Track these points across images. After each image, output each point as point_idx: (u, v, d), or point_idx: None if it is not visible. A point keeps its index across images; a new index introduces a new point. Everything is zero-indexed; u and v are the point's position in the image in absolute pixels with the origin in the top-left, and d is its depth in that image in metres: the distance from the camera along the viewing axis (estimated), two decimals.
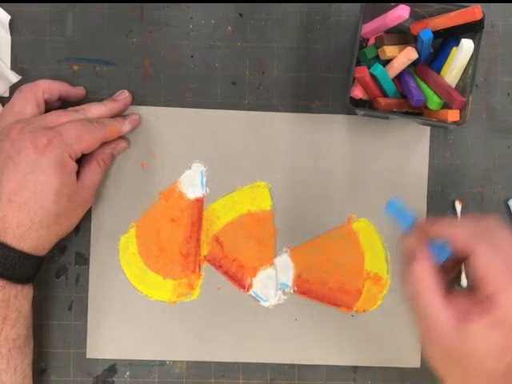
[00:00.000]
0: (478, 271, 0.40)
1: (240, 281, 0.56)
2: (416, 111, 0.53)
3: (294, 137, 0.56)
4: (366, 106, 0.54)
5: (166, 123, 0.56)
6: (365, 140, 0.56)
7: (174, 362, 0.56)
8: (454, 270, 0.46)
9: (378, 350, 0.56)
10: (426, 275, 0.41)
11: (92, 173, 0.51)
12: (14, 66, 0.55)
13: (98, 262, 0.55)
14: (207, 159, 0.56)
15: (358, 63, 0.52)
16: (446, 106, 0.51)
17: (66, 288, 0.55)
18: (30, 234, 0.47)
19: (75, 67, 0.55)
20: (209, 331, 0.55)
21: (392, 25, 0.51)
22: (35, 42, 0.55)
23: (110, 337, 0.55)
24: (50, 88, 0.52)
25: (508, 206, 0.56)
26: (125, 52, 0.56)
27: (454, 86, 0.51)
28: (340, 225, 0.56)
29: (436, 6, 0.50)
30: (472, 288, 0.41)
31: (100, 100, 0.54)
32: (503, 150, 0.56)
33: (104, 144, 0.52)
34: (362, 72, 0.51)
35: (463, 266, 0.49)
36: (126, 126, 0.53)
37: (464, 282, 0.55)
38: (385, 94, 0.52)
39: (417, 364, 0.56)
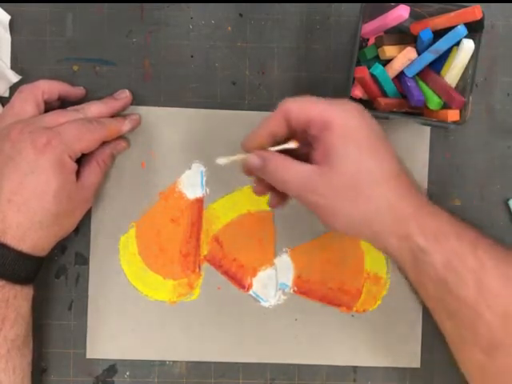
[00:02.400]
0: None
1: (240, 281, 0.56)
2: (416, 111, 0.53)
3: None
4: (366, 106, 0.54)
5: (166, 123, 0.56)
6: None
7: (174, 362, 0.56)
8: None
9: (378, 350, 0.56)
10: (280, 159, 0.45)
11: (92, 173, 0.51)
12: (14, 66, 0.55)
13: (97, 262, 0.55)
14: (207, 159, 0.56)
15: (358, 63, 0.52)
16: (446, 105, 0.51)
17: (66, 288, 0.55)
18: (30, 235, 0.47)
19: (75, 67, 0.56)
20: (209, 331, 0.55)
21: (392, 25, 0.51)
22: (35, 42, 0.55)
23: (109, 337, 0.55)
24: (49, 88, 0.52)
25: (508, 206, 0.56)
26: (125, 52, 0.56)
27: (454, 86, 0.51)
28: None
29: (436, 5, 0.50)
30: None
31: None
32: (503, 150, 0.56)
33: (104, 144, 0.52)
34: (361, 72, 0.51)
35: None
36: (126, 126, 0.53)
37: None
38: (385, 94, 0.52)
39: (417, 364, 0.56)
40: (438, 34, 0.50)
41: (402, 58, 0.51)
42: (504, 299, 0.43)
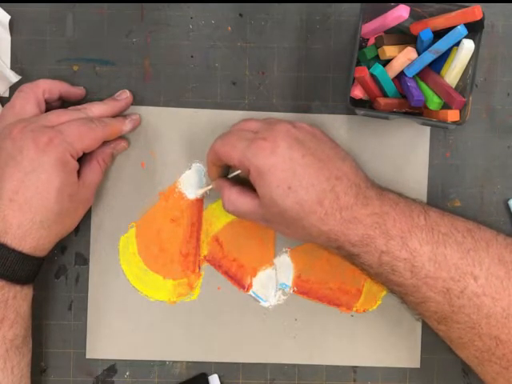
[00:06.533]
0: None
1: (240, 281, 0.56)
2: (416, 111, 0.53)
3: None
4: (366, 105, 0.54)
5: (166, 123, 0.56)
6: (365, 140, 0.56)
7: (173, 362, 0.56)
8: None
9: (378, 350, 0.56)
10: (230, 192, 0.50)
11: (92, 172, 0.51)
12: (14, 66, 0.55)
13: (97, 261, 0.55)
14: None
15: (358, 63, 0.52)
16: (446, 106, 0.51)
17: (66, 288, 0.55)
18: (31, 234, 0.47)
19: (75, 67, 0.56)
20: (209, 331, 0.55)
21: (392, 25, 0.51)
22: (35, 42, 0.55)
23: (109, 337, 0.55)
24: (50, 87, 0.52)
25: (508, 206, 0.56)
26: (125, 52, 0.56)
27: (454, 86, 0.51)
28: None
29: (436, 5, 0.50)
30: None
31: (100, 100, 0.54)
32: (503, 150, 0.56)
33: (104, 143, 0.52)
34: (362, 72, 0.51)
35: None
36: (126, 126, 0.53)
37: None
38: (385, 94, 0.52)
39: (417, 364, 0.56)
40: (438, 34, 0.50)
41: (402, 58, 0.51)
42: (441, 279, 0.46)
